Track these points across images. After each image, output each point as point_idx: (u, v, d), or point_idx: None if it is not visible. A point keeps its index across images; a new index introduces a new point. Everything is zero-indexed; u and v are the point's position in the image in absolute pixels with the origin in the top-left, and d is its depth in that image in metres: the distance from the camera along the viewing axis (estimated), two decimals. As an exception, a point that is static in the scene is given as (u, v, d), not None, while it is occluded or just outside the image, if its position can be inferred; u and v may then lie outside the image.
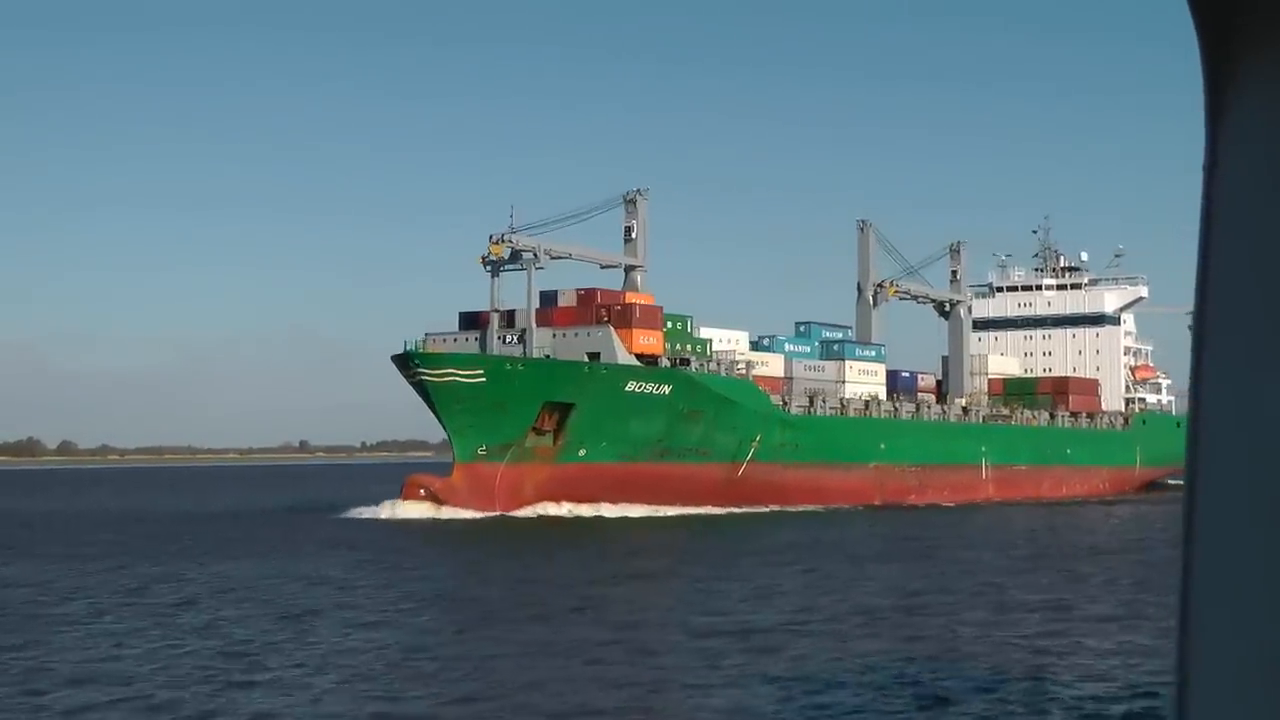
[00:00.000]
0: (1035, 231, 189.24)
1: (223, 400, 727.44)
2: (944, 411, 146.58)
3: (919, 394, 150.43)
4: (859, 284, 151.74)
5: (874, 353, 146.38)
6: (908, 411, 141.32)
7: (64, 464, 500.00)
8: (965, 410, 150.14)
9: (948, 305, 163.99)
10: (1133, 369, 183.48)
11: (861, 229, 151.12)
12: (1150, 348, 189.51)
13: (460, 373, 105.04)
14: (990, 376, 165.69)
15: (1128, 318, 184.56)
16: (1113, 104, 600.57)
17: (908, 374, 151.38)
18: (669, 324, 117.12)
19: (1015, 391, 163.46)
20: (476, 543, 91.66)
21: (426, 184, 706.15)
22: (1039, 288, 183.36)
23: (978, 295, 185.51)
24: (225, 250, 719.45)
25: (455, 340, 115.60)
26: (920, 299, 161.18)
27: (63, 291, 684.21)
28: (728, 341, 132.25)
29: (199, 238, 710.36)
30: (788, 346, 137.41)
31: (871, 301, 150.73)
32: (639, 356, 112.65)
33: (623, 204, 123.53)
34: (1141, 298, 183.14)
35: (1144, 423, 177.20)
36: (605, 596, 57.94)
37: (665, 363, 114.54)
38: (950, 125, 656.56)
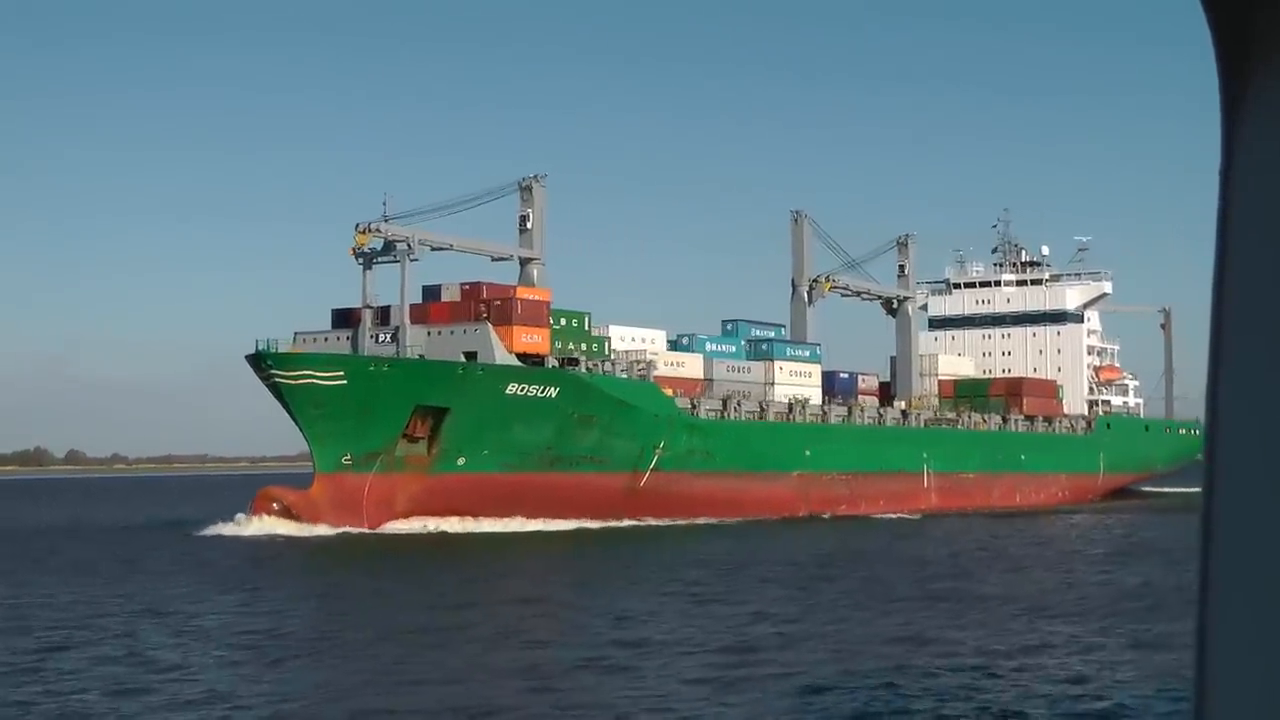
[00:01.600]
0: (995, 225, 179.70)
1: (234, 408, 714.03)
2: (880, 415, 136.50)
3: (860, 396, 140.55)
4: (793, 279, 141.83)
5: (808, 353, 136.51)
6: (838, 415, 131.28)
7: (72, 473, 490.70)
8: (905, 414, 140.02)
9: (895, 302, 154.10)
10: (1096, 369, 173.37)
11: (795, 220, 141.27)
12: (1116, 347, 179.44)
13: (318, 374, 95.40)
14: (941, 378, 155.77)
15: (1092, 315, 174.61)
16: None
17: (846, 375, 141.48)
18: (559, 321, 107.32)
19: (966, 393, 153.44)
20: (325, 563, 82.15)
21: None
22: (998, 284, 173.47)
23: (934, 292, 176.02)
24: (236, 257, 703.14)
25: (326, 340, 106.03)
26: (864, 295, 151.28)
27: (71, 300, 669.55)
28: (641, 341, 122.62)
29: (211, 244, 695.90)
30: (709, 346, 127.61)
31: (806, 298, 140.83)
32: (522, 356, 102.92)
33: (517, 191, 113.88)
34: (1105, 294, 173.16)
35: (1108, 427, 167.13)
36: (435, 628, 50.02)
37: (553, 363, 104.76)
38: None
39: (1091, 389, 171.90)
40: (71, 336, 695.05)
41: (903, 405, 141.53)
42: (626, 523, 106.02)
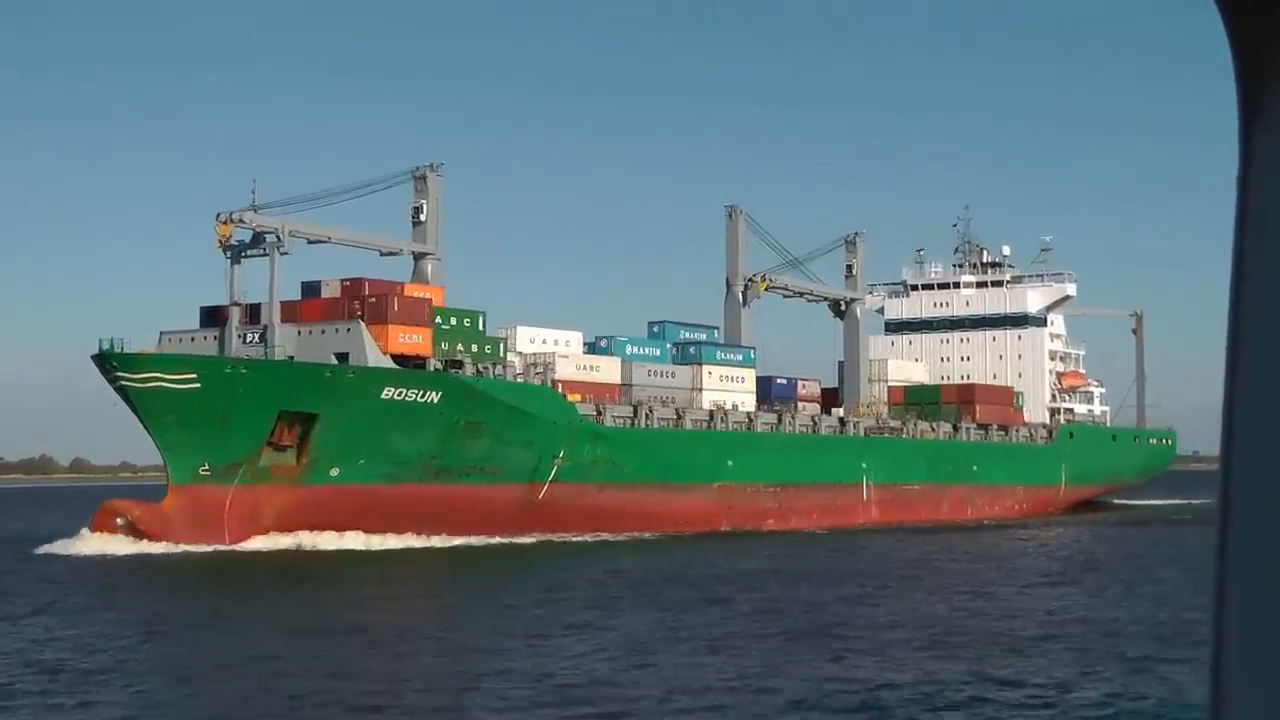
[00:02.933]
0: (955, 224, 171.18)
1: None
2: (814, 423, 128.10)
3: (800, 403, 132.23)
4: (727, 279, 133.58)
5: (741, 356, 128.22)
6: (766, 423, 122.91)
7: (76, 482, 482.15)
8: (843, 421, 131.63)
9: (842, 304, 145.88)
10: (1059, 376, 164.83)
11: (731, 216, 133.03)
12: (1081, 352, 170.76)
13: (167, 377, 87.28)
14: (890, 384, 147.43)
15: (1056, 319, 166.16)
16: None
17: (784, 381, 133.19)
18: (448, 321, 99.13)
19: (917, 400, 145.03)
20: (168, 585, 74.09)
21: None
22: (957, 286, 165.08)
23: (892, 295, 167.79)
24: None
25: (194, 339, 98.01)
26: (808, 296, 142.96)
27: (74, 303, 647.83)
28: (555, 343, 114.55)
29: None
30: (629, 349, 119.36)
31: (741, 299, 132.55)
32: (401, 358, 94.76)
33: (411, 181, 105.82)
34: (1068, 296, 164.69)
35: (1071, 436, 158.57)
36: (233, 661, 44.11)
37: (436, 365, 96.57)
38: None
39: (1054, 396, 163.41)
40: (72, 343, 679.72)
41: (840, 413, 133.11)
42: (525, 538, 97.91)
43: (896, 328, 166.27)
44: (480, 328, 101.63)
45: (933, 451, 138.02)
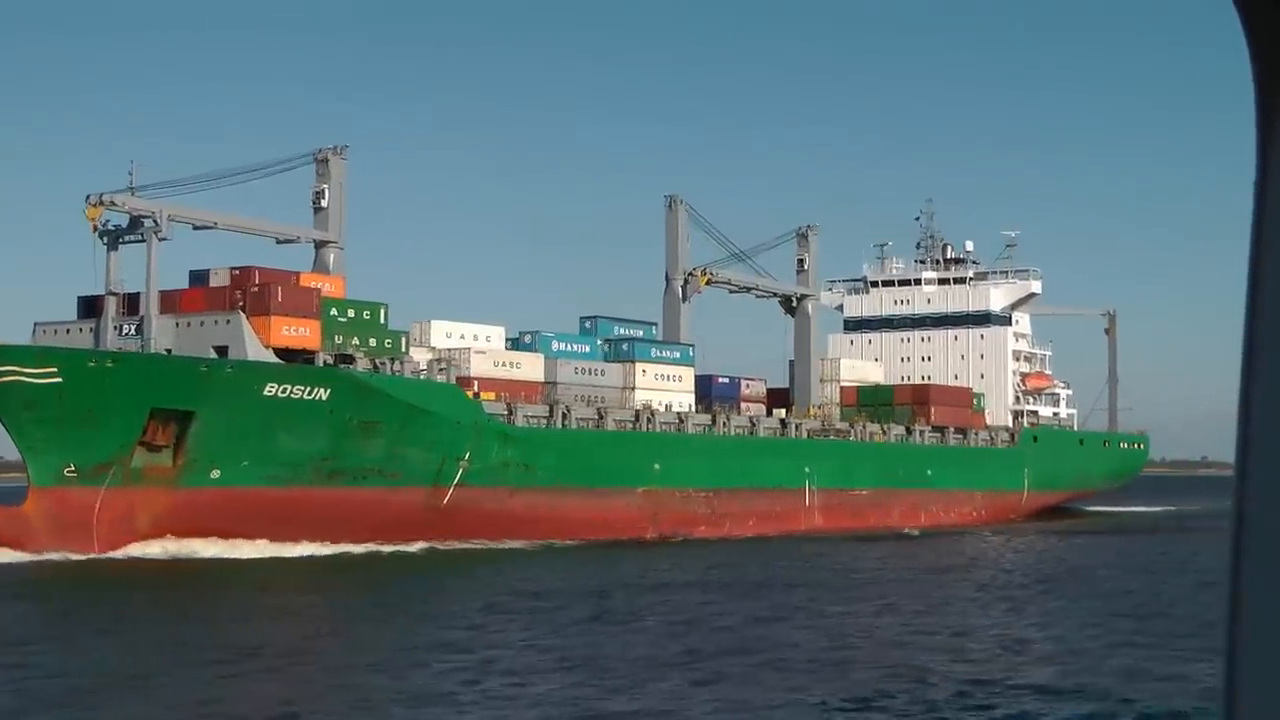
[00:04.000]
0: (917, 218, 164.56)
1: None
2: (753, 425, 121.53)
3: (743, 404, 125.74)
4: (666, 272, 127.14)
5: (679, 354, 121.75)
6: (699, 424, 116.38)
7: None
8: (784, 423, 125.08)
9: (794, 300, 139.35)
10: (1023, 376, 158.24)
11: (670, 206, 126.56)
12: (1048, 353, 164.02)
13: (25, 371, 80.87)
14: (843, 384, 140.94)
15: (1022, 318, 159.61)
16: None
17: (726, 380, 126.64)
18: (346, 313, 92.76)
19: (870, 401, 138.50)
20: (28, 598, 67.77)
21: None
22: (917, 282, 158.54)
23: (851, 291, 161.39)
24: None
25: (69, 331, 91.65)
26: (755, 292, 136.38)
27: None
28: (474, 338, 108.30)
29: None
30: (555, 345, 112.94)
31: (681, 294, 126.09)
32: (286, 352, 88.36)
33: (313, 164, 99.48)
34: (1033, 294, 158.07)
35: (1035, 439, 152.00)
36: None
37: (326, 360, 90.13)
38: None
39: (1017, 398, 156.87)
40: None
41: (781, 414, 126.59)
42: (429, 545, 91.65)
43: (856, 326, 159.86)
44: (382, 321, 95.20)
45: (883, 455, 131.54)
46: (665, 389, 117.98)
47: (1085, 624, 57.26)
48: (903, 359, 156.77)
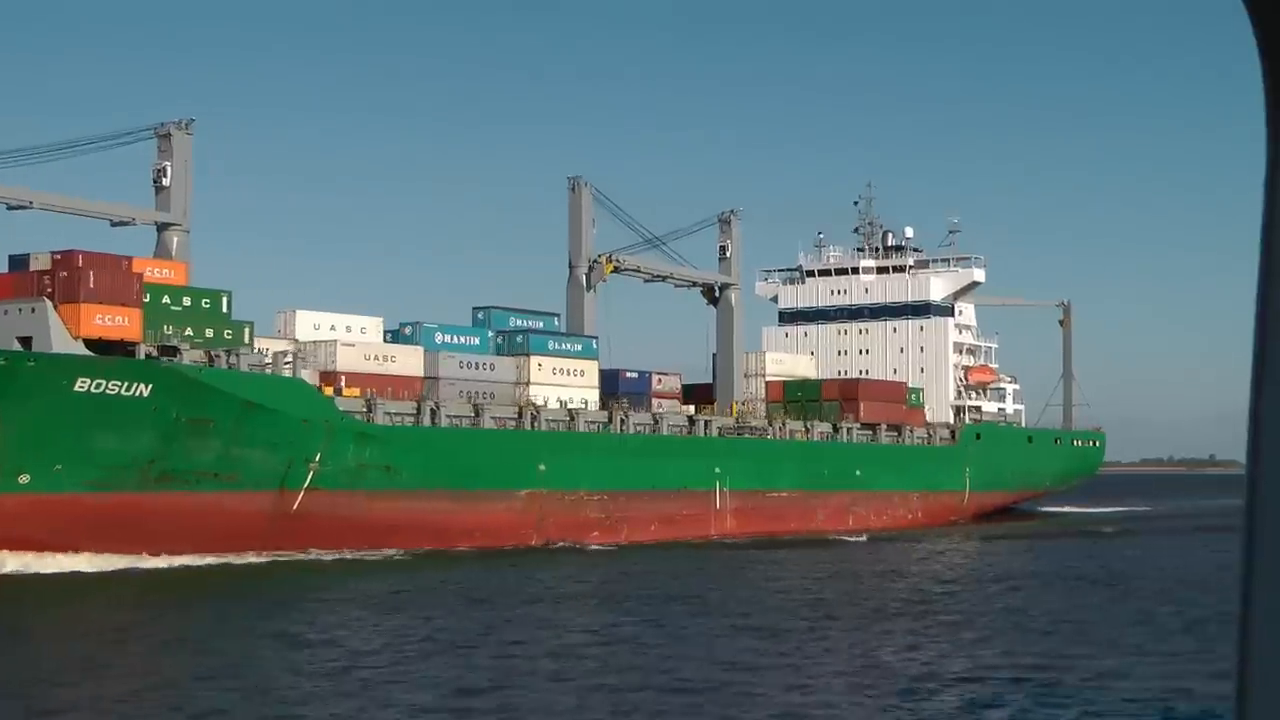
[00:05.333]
0: (856, 203, 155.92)
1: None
2: (656, 422, 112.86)
3: (655, 400, 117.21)
4: (570, 260, 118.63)
5: (581, 347, 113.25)
6: (592, 421, 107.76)
7: None
8: (692, 420, 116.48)
9: (716, 290, 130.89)
10: (966, 370, 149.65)
11: (574, 189, 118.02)
12: (994, 345, 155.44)
13: None
14: (769, 379, 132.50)
15: (966, 308, 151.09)
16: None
17: (636, 374, 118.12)
18: (178, 300, 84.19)
19: (796, 397, 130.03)
20: None
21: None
22: (855, 271, 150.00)
23: (787, 281, 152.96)
24: None
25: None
26: (674, 280, 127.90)
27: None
28: (346, 329, 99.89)
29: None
30: (439, 337, 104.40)
31: (585, 282, 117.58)
32: (101, 343, 79.69)
33: (154, 139, 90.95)
34: (975, 283, 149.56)
35: (977, 437, 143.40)
36: None
37: (149, 352, 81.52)
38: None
39: (959, 392, 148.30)
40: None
41: (690, 410, 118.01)
42: (280, 556, 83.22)
43: (791, 318, 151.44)
44: (224, 310, 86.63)
45: (806, 454, 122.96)
46: (565, 384, 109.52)
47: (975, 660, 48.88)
48: (840, 352, 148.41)
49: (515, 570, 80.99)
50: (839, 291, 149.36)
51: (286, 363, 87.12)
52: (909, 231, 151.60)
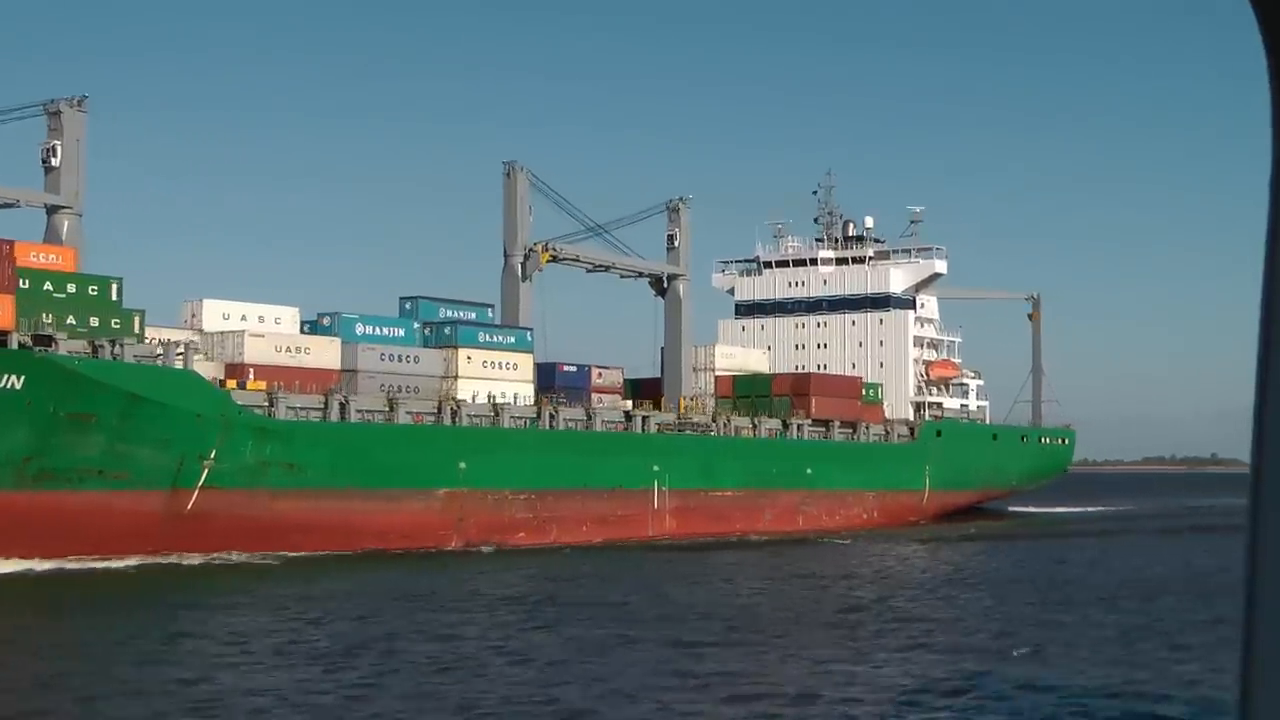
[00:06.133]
0: (815, 192, 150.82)
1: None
2: (589, 417, 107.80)
3: (595, 395, 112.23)
4: (505, 248, 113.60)
5: (514, 339, 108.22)
6: (518, 417, 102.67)
7: None
8: (629, 416, 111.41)
9: (664, 280, 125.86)
10: (927, 365, 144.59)
11: (509, 175, 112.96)
12: (957, 339, 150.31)
13: None
14: (719, 373, 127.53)
15: (928, 301, 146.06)
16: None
17: (574, 368, 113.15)
18: (59, 287, 79.13)
19: (747, 392, 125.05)
20: None
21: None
22: (813, 262, 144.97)
23: (743, 273, 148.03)
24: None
25: None
26: (621, 271, 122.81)
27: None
28: (259, 320, 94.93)
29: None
30: (359, 328, 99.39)
31: (520, 272, 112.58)
32: (-37, 332, 74.75)
33: (44, 117, 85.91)
34: (937, 274, 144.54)
35: (938, 434, 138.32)
36: None
37: (20, 342, 76.41)
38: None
39: (920, 388, 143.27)
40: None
41: (628, 405, 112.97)
42: (166, 559, 78.31)
43: (747, 310, 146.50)
44: (113, 297, 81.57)
45: (752, 452, 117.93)
46: (498, 378, 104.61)
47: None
48: (797, 346, 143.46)
49: (423, 574, 76.27)
50: (797, 283, 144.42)
51: (179, 354, 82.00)
52: (869, 221, 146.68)
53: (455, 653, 47.55)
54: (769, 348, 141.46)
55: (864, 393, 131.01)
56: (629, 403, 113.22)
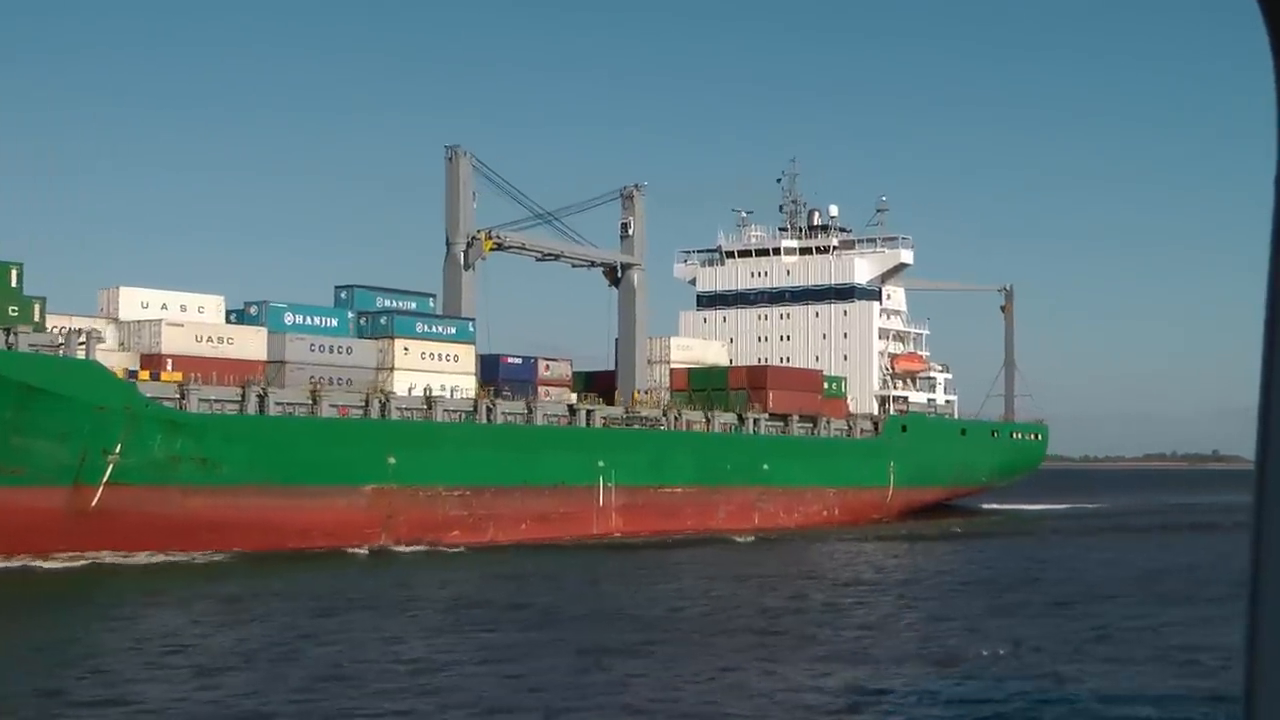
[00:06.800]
0: (779, 180, 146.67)
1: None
2: (530, 411, 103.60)
3: (541, 388, 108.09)
4: (447, 236, 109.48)
5: (455, 329, 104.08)
6: (453, 411, 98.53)
7: None
8: (573, 410, 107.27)
9: (618, 270, 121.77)
10: (893, 358, 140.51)
11: (451, 159, 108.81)
12: (924, 332, 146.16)
13: None
14: (674, 366, 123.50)
15: (894, 292, 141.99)
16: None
17: (519, 360, 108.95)
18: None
19: (703, 385, 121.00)
20: None
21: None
22: (777, 252, 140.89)
23: (705, 263, 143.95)
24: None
25: None
26: (573, 260, 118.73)
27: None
28: (180, 309, 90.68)
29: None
30: (288, 318, 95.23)
31: (463, 260, 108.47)
32: None
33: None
34: (903, 264, 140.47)
35: (903, 429, 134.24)
36: None
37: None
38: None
39: (885, 382, 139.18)
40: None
41: (572, 399, 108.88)
42: (81, 559, 74.25)
43: (709, 301, 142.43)
44: (12, 284, 77.35)
45: (705, 447, 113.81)
46: (437, 370, 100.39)
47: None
48: (760, 338, 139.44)
49: (340, 575, 72.29)
50: (759, 274, 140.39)
51: (80, 343, 77.81)
52: (834, 210, 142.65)
53: (352, 658, 44.06)
54: (731, 340, 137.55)
55: (826, 386, 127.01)
56: (574, 396, 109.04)
